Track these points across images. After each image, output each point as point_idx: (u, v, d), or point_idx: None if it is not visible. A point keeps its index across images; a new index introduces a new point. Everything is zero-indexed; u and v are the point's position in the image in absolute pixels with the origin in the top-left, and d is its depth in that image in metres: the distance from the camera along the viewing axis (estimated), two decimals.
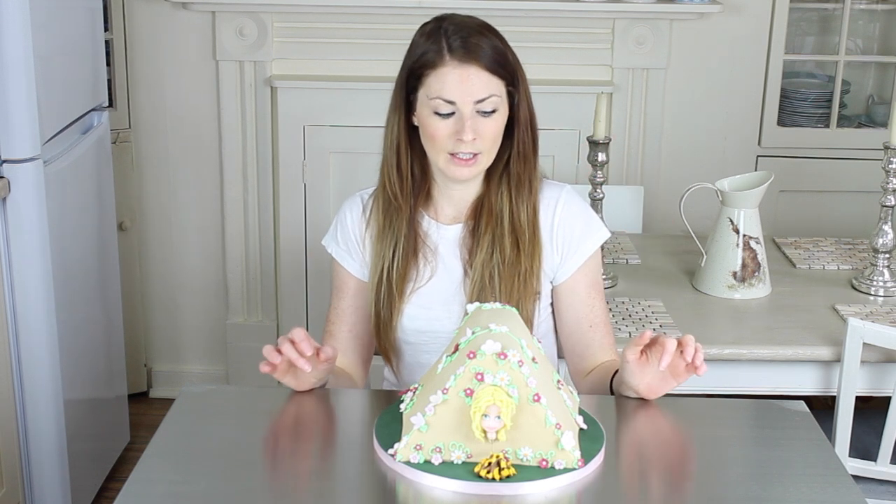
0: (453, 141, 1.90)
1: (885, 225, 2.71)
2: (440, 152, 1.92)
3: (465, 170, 1.93)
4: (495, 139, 1.94)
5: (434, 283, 2.02)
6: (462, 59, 1.89)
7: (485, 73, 1.89)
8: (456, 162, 1.92)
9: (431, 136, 1.92)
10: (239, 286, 3.81)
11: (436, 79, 1.90)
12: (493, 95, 1.90)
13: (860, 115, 3.91)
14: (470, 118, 1.89)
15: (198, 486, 1.60)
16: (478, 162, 1.93)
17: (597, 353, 2.04)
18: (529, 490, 1.55)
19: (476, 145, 1.91)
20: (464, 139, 1.89)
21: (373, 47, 3.55)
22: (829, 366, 2.45)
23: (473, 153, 1.92)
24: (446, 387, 1.57)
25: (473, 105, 1.89)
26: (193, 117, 3.70)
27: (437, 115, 1.90)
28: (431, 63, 1.90)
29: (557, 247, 2.02)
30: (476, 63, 1.89)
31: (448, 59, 1.89)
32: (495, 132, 1.93)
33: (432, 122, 1.91)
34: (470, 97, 1.89)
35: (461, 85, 1.88)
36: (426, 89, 1.91)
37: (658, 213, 3.65)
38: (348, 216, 2.08)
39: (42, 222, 2.74)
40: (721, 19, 3.63)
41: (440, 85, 1.89)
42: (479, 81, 1.89)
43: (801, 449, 1.72)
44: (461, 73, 1.89)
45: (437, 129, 1.91)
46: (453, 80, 1.89)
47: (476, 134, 1.90)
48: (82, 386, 3.07)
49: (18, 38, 2.63)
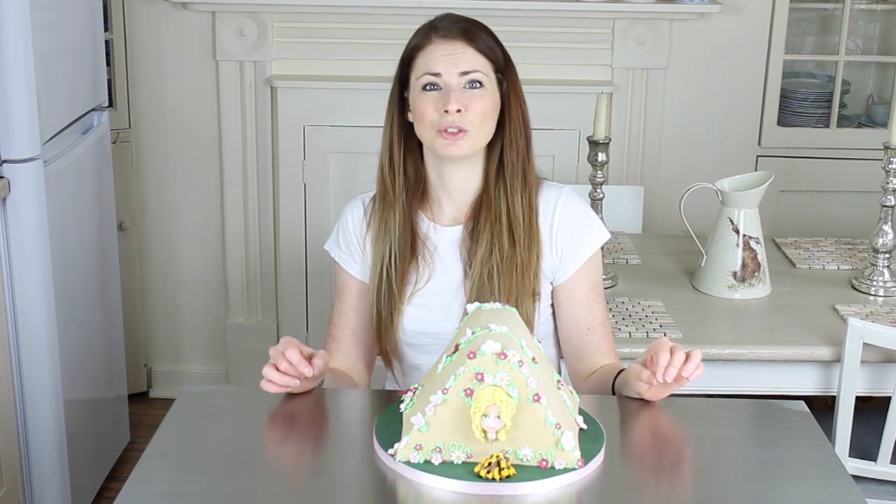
0: (440, 114, 1.92)
1: (885, 225, 2.71)
2: (430, 129, 1.94)
3: (453, 146, 1.93)
4: (483, 116, 1.94)
5: (434, 285, 2.02)
6: (446, 35, 1.94)
7: (470, 48, 1.94)
8: (444, 136, 1.92)
9: (421, 114, 1.94)
10: (239, 286, 3.81)
11: (423, 58, 1.95)
12: (478, 70, 1.94)
13: (860, 115, 3.91)
14: (456, 90, 1.92)
15: (198, 486, 1.60)
16: (466, 137, 1.93)
17: (595, 355, 2.04)
18: (529, 490, 1.55)
19: (462, 120, 1.91)
20: (449, 109, 1.90)
21: (373, 47, 3.55)
22: (829, 366, 2.45)
23: (459, 128, 1.92)
24: (446, 387, 1.57)
25: (459, 77, 1.92)
26: (193, 117, 3.70)
27: (426, 91, 1.93)
28: (419, 46, 1.96)
29: (557, 248, 2.02)
30: (462, 39, 1.94)
31: (434, 38, 1.95)
32: (482, 109, 1.93)
33: (421, 100, 1.94)
34: (455, 68, 1.92)
35: (446, 58, 1.93)
36: (415, 72, 1.96)
37: (658, 213, 3.65)
38: (350, 219, 2.09)
39: (42, 222, 2.74)
40: (721, 19, 3.63)
41: (427, 61, 1.94)
42: (464, 55, 1.93)
43: (801, 449, 1.72)
44: (446, 47, 1.94)
45: (425, 105, 1.93)
46: (439, 54, 1.93)
47: (461, 106, 1.91)
48: (82, 386, 3.07)
49: (18, 38, 2.63)
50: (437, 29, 1.96)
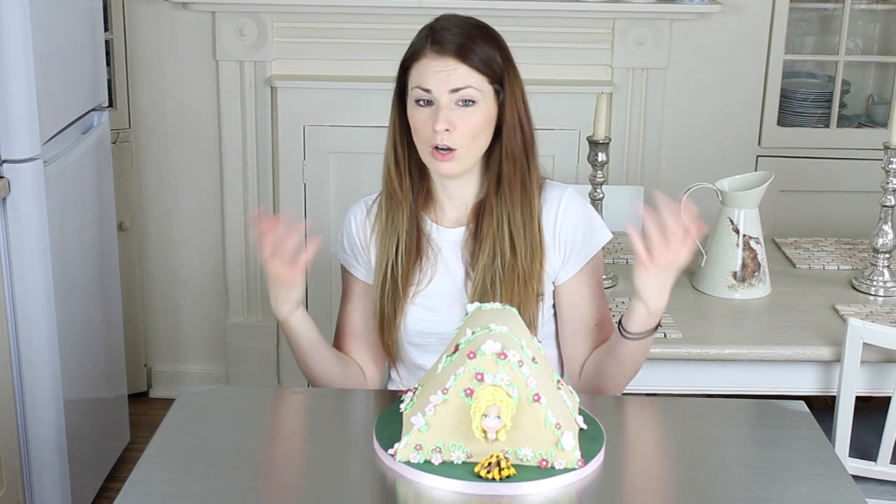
0: (430, 132, 1.91)
1: (885, 225, 2.71)
2: (423, 145, 1.93)
3: (443, 164, 1.92)
4: (474, 134, 1.92)
5: (436, 286, 2.03)
6: (440, 50, 1.91)
7: (462, 65, 1.91)
8: (436, 155, 1.92)
9: (414, 129, 1.94)
10: (239, 286, 3.81)
11: (417, 69, 1.93)
12: (469, 87, 1.91)
13: (860, 115, 3.91)
14: (445, 108, 1.90)
15: (198, 486, 1.60)
16: (455, 157, 1.92)
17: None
18: (529, 490, 1.55)
19: (452, 139, 1.90)
20: (436, 129, 1.89)
21: (373, 47, 3.55)
22: (829, 366, 2.45)
23: (448, 147, 1.91)
24: (446, 387, 1.57)
25: (449, 94, 1.90)
26: (193, 117, 3.70)
27: (419, 106, 1.92)
28: (415, 55, 1.94)
29: (560, 248, 2.02)
30: (453, 55, 1.91)
31: (428, 50, 1.92)
32: (473, 126, 1.91)
33: (414, 113, 1.93)
34: (445, 86, 1.90)
35: (438, 74, 1.90)
36: (410, 82, 1.94)
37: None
38: (353, 222, 2.09)
39: (42, 222, 2.74)
40: (721, 19, 3.63)
41: (419, 74, 1.92)
42: (455, 73, 1.90)
43: (801, 449, 1.72)
44: (438, 63, 1.91)
45: (418, 119, 1.93)
46: (431, 70, 1.91)
47: (450, 125, 1.89)
48: (82, 386, 3.07)
49: (18, 38, 2.63)
50: (433, 39, 1.92)
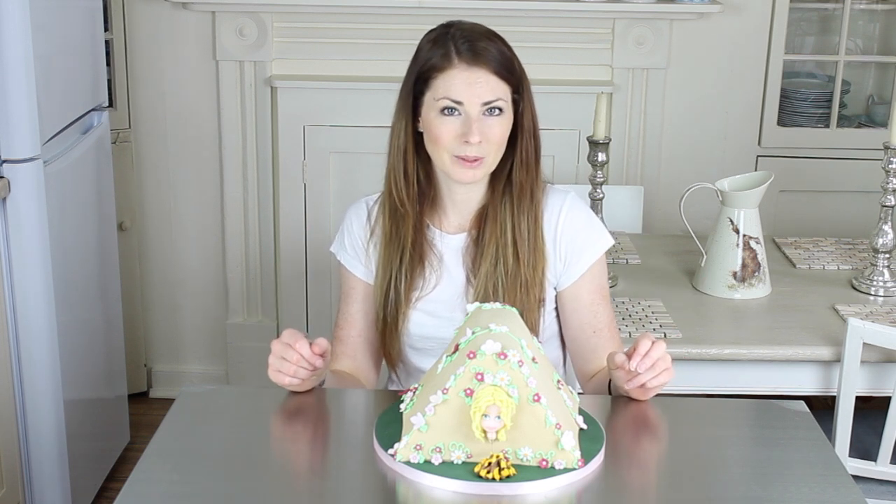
0: (459, 143, 1.90)
1: (885, 225, 2.71)
2: (445, 153, 1.93)
3: (469, 172, 1.93)
4: (500, 143, 1.94)
5: (439, 291, 2.03)
6: (470, 62, 1.90)
7: (493, 77, 1.90)
8: (461, 164, 1.92)
9: (437, 138, 1.92)
10: (239, 286, 3.81)
11: (443, 81, 1.90)
12: (500, 99, 1.91)
13: (860, 115, 3.91)
14: (477, 120, 1.90)
15: (198, 486, 1.60)
16: (482, 165, 1.93)
17: (601, 358, 2.03)
18: (529, 490, 1.55)
19: (482, 149, 1.91)
20: (471, 141, 1.89)
21: (373, 47, 3.55)
22: (829, 366, 2.45)
23: (477, 157, 1.92)
24: (446, 387, 1.57)
25: (481, 107, 1.90)
26: (193, 117, 3.70)
27: (444, 115, 1.91)
28: (440, 66, 1.91)
29: (561, 254, 2.02)
30: (485, 66, 1.90)
31: (457, 62, 1.90)
32: (501, 136, 1.93)
33: (438, 123, 1.91)
34: (478, 98, 1.90)
35: (470, 87, 1.89)
36: (433, 92, 1.92)
37: (658, 213, 3.66)
38: (354, 222, 2.09)
39: (42, 222, 2.74)
40: (721, 19, 3.63)
41: (447, 86, 1.90)
42: (486, 84, 1.90)
43: (801, 449, 1.72)
44: (469, 75, 1.89)
45: (443, 130, 1.91)
46: (462, 82, 1.89)
47: (482, 136, 1.90)
48: (82, 386, 3.07)
49: (18, 38, 2.63)
50: (458, 50, 1.90)
